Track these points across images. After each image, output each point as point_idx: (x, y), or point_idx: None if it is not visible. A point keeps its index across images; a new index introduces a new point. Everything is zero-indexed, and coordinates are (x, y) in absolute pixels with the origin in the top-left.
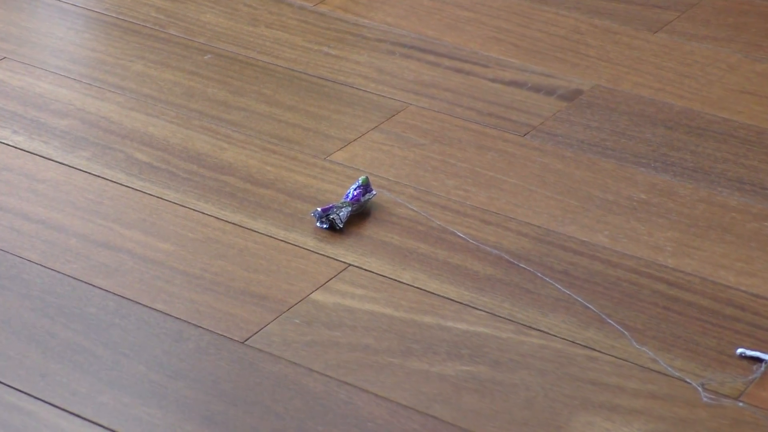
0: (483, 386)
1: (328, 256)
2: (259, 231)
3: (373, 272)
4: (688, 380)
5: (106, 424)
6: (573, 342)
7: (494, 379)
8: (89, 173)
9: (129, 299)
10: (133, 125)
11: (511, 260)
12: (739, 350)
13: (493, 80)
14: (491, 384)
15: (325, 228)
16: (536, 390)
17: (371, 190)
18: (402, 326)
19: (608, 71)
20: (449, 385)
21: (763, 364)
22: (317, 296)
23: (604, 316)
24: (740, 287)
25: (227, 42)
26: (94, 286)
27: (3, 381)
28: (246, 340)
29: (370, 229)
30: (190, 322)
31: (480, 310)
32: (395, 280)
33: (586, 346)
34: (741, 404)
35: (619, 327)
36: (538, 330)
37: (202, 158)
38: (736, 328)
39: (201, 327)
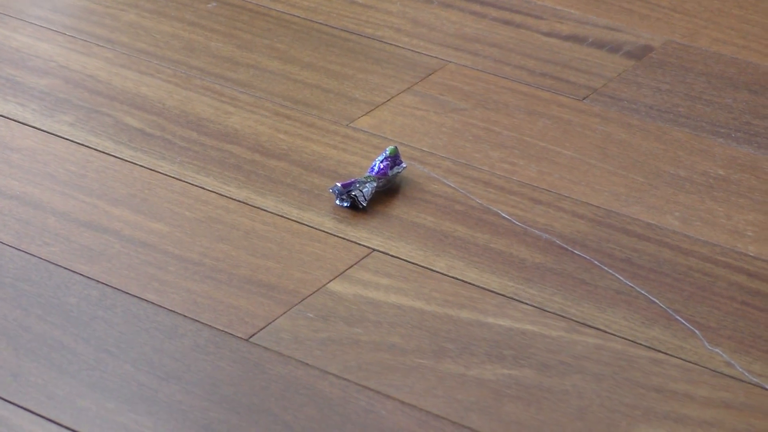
0: (528, 393)
1: (348, 240)
2: (269, 210)
3: (401, 259)
4: (767, 387)
5: None
6: (635, 342)
7: (541, 385)
8: (72, 141)
9: (115, 288)
10: (123, 85)
11: (565, 246)
12: None
13: (548, 34)
14: (538, 391)
15: (346, 206)
16: (591, 398)
17: (401, 162)
18: (434, 322)
19: (683, 24)
20: (489, 392)
21: None
22: (335, 286)
23: (671, 312)
24: None
25: None
26: (74, 272)
27: None
28: (251, 337)
29: (399, 208)
30: (186, 316)
31: (526, 304)
32: (427, 268)
33: (650, 347)
34: None
35: (689, 325)
36: (595, 328)
37: (203, 124)
38: None
39: (199, 321)
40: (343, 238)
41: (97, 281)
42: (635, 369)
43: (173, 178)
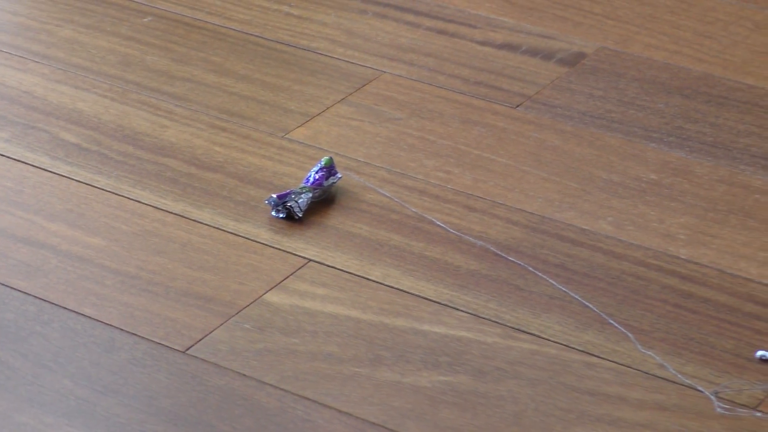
0: (464, 399)
1: (284, 251)
2: (205, 222)
3: (337, 268)
4: (700, 388)
5: None
6: (569, 347)
7: (477, 391)
8: (8, 157)
9: (52, 303)
10: (59, 100)
11: (499, 253)
12: (760, 353)
13: (482, 43)
14: (473, 396)
15: (282, 217)
16: (526, 403)
17: (336, 172)
18: (370, 331)
19: (616, 31)
20: (425, 399)
21: None
22: (272, 297)
23: (605, 317)
24: (763, 280)
25: (170, 1)
26: (11, 287)
27: None
28: (188, 349)
29: (334, 218)
30: (123, 329)
31: (461, 311)
32: (363, 277)
33: (584, 351)
34: (759, 414)
35: (622, 328)
36: (529, 333)
37: (140, 138)
38: (757, 328)
39: (136, 334)
40: (279, 249)
41: (35, 296)
42: (569, 373)
43: (110, 192)
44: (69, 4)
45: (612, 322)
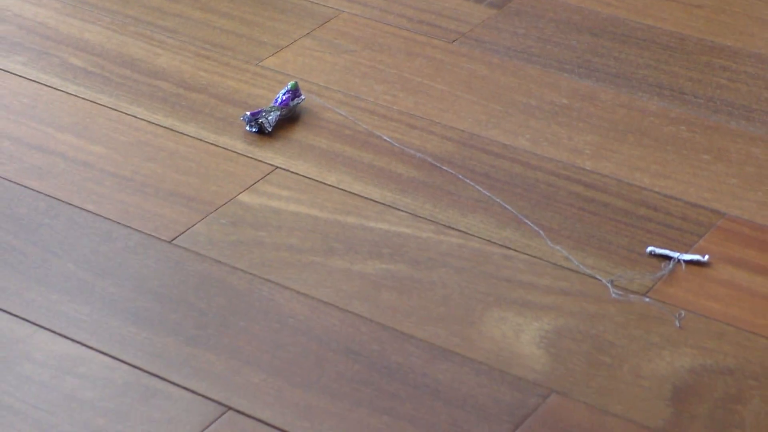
0: (402, 284)
1: (256, 159)
2: (190, 134)
3: (299, 174)
4: (598, 277)
5: (33, 320)
6: (490, 241)
7: (413, 277)
8: (24, 78)
9: (60, 200)
10: (69, 31)
11: (435, 163)
12: (649, 248)
13: None
14: (410, 282)
15: (255, 132)
16: (453, 287)
17: (300, 95)
18: (325, 226)
19: None
20: (369, 283)
21: (672, 262)
22: (244, 197)
23: (521, 217)
24: (654, 188)
25: None
26: (25, 187)
27: None
28: (173, 240)
29: (298, 133)
30: (119, 222)
31: (402, 211)
32: (320, 182)
33: (503, 246)
34: (648, 300)
35: (535, 227)
36: (457, 230)
37: (137, 64)
38: (648, 228)
39: (129, 227)
40: (252, 158)
41: (45, 194)
42: (490, 263)
43: (110, 108)
44: None
45: (527, 221)
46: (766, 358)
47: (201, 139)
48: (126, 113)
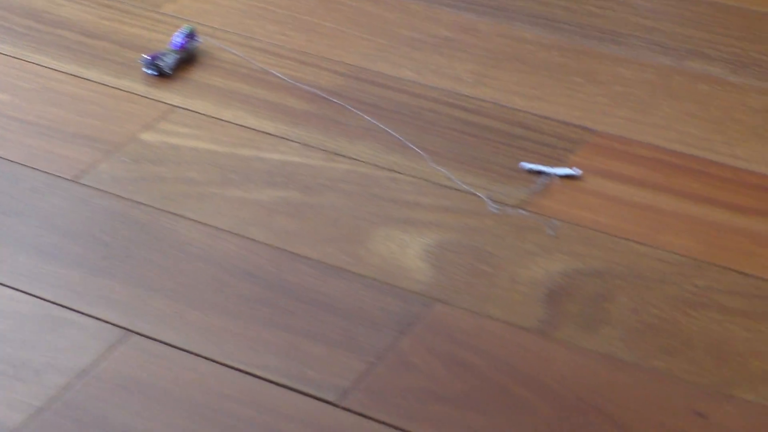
0: (295, 209)
1: (155, 100)
2: (93, 79)
3: (197, 112)
4: (477, 194)
5: None
6: (377, 166)
7: (305, 203)
8: None
9: None
10: None
11: (325, 96)
12: (525, 165)
13: None
14: (302, 207)
15: (154, 74)
16: (343, 210)
17: (197, 38)
18: (223, 160)
19: None
20: (264, 210)
21: (546, 176)
22: (145, 136)
23: (406, 142)
24: (529, 110)
25: None
26: None
27: None
28: (78, 179)
29: (196, 74)
30: (24, 165)
31: (294, 141)
32: (217, 118)
33: (389, 169)
34: (523, 212)
35: (419, 150)
36: (346, 157)
37: (40, 14)
38: (524, 147)
39: (35, 168)
40: (151, 99)
41: None
42: (377, 186)
43: (15, 58)
44: None
45: (411, 146)
46: (631, 260)
47: (103, 84)
48: (30, 62)
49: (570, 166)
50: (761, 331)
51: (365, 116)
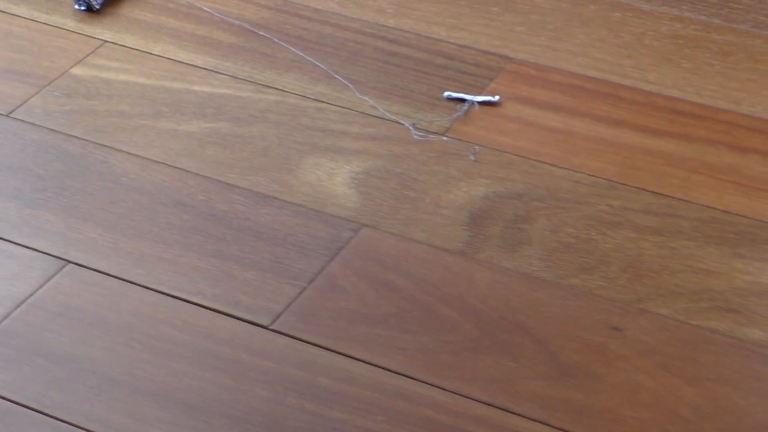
0: (225, 140)
1: (86, 35)
2: (23, 15)
3: (127, 47)
4: (401, 122)
5: None
6: (304, 96)
7: (235, 133)
8: None
9: None
10: None
11: (252, 29)
12: (446, 93)
13: None
14: (232, 137)
15: (83, 9)
16: (272, 140)
17: None
18: (153, 92)
19: None
20: (195, 141)
21: (466, 104)
22: (76, 71)
23: (331, 73)
24: (450, 40)
25: None
26: None
27: None
28: (10, 113)
29: (125, 9)
30: None
31: (223, 74)
32: (147, 52)
33: (316, 99)
34: (446, 138)
35: (344, 81)
36: (275, 88)
37: None
38: (445, 75)
39: None
40: (82, 34)
41: None
42: (305, 116)
43: None
44: None
45: (337, 76)
46: (549, 182)
47: (33, 20)
48: None
49: (490, 94)
50: (673, 248)
51: (292, 48)
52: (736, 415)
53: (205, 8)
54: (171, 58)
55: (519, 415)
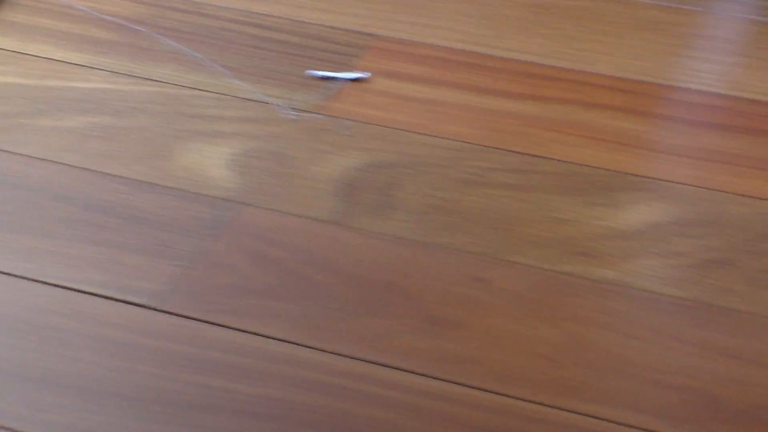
0: (106, 133)
1: None
2: None
3: (2, 49)
4: (277, 103)
5: None
6: (182, 86)
7: (116, 126)
8: None
9: None
10: None
11: (129, 25)
12: (317, 73)
13: None
14: (113, 130)
15: None
16: (152, 130)
17: None
18: (32, 92)
19: None
20: (77, 136)
21: (338, 82)
22: None
23: (208, 61)
24: (318, 22)
25: None
26: None
27: None
28: None
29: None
30: None
31: (102, 69)
32: (23, 53)
33: (194, 88)
34: (319, 116)
35: (220, 68)
36: (153, 80)
37: None
38: (316, 57)
39: None
40: None
41: None
42: (184, 105)
43: None
44: None
45: (213, 64)
46: (417, 151)
47: None
48: None
49: (359, 70)
50: (532, 202)
51: (168, 40)
52: (592, 349)
53: (80, 7)
54: (48, 57)
55: (396, 368)
